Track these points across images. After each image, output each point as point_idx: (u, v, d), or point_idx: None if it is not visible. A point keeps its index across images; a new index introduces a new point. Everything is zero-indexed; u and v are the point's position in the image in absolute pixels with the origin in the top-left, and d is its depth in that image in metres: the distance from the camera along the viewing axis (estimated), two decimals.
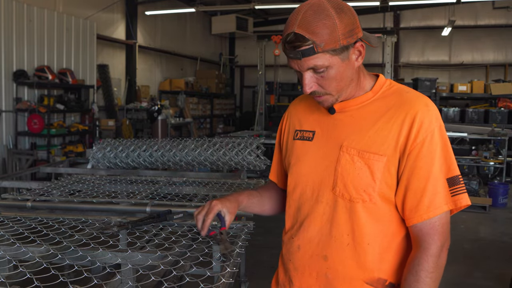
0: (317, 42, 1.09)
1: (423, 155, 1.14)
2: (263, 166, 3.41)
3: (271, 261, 4.26)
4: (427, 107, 1.16)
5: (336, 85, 1.18)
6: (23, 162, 6.61)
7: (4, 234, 1.57)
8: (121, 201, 2.10)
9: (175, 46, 11.99)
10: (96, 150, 3.49)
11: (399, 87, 1.24)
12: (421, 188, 1.14)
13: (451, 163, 1.16)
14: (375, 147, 1.18)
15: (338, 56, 1.12)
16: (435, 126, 1.15)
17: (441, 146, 1.15)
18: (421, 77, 9.68)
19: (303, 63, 1.13)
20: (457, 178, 1.15)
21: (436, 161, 1.14)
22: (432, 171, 1.14)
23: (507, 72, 12.30)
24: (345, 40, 1.11)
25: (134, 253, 1.43)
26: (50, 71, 6.94)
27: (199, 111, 12.08)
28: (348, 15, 1.12)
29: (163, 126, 8.13)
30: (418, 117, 1.15)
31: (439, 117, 1.19)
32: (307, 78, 1.16)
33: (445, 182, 1.14)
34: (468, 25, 12.43)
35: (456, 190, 1.14)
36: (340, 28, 1.09)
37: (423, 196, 1.14)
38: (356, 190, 1.18)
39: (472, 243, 5.14)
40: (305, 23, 1.10)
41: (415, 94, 1.21)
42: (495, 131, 7.83)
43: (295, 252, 1.30)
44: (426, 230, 1.14)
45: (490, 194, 6.79)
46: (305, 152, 1.30)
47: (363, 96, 1.23)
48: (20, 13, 6.75)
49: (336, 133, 1.25)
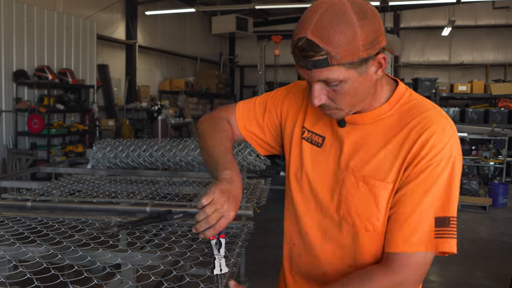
0: (332, 53, 0.94)
1: (418, 182, 1.02)
2: (263, 166, 3.41)
3: (271, 261, 4.26)
4: (443, 133, 1.02)
5: (349, 100, 1.04)
6: (23, 162, 6.61)
7: (4, 234, 1.57)
8: (121, 201, 2.10)
9: (175, 46, 11.99)
10: (96, 150, 3.49)
11: (418, 101, 1.09)
12: (404, 217, 1.03)
13: (448, 202, 1.02)
14: (382, 174, 1.06)
15: (355, 70, 0.97)
16: (445, 156, 1.01)
17: (444, 180, 1.01)
18: (421, 77, 9.68)
19: (313, 74, 0.99)
20: (448, 220, 1.01)
21: (430, 194, 1.01)
22: (421, 203, 1.01)
23: (507, 72, 12.30)
24: (365, 52, 0.96)
25: (134, 253, 1.43)
26: (50, 71, 6.94)
27: (199, 111, 12.09)
28: (372, 22, 0.96)
29: (163, 126, 8.13)
30: (430, 142, 1.02)
31: (456, 147, 1.03)
32: (316, 90, 1.02)
33: (432, 220, 1.01)
34: (468, 25, 12.43)
35: (442, 232, 1.01)
36: (361, 39, 0.94)
37: (403, 227, 1.02)
38: (360, 218, 1.09)
39: (472, 243, 5.14)
40: (320, 29, 0.94)
41: (436, 115, 1.05)
42: (495, 131, 7.83)
43: (296, 257, 1.28)
44: (399, 262, 1.03)
45: (490, 194, 6.79)
46: (314, 160, 1.18)
47: (378, 110, 1.09)
48: (20, 13, 6.75)
49: (345, 148, 1.12)
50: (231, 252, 1.47)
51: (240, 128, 1.31)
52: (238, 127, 1.31)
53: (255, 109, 1.32)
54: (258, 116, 1.31)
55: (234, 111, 1.33)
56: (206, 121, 1.33)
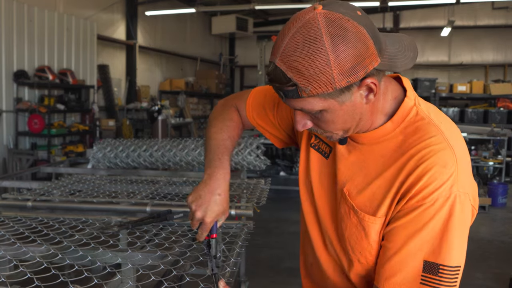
0: (301, 85, 0.82)
1: (408, 221, 0.90)
2: (263, 166, 3.42)
3: (271, 261, 4.27)
4: (444, 168, 0.88)
5: (337, 127, 0.92)
6: (24, 162, 6.62)
7: (5, 234, 1.57)
8: (121, 201, 2.11)
9: (175, 46, 11.99)
10: (97, 150, 3.50)
11: (425, 123, 0.93)
12: (390, 254, 0.93)
13: (440, 247, 0.88)
14: (372, 207, 0.96)
15: (335, 100, 0.85)
16: (442, 196, 0.88)
17: (437, 223, 0.88)
18: (420, 77, 9.69)
19: (289, 102, 0.89)
20: (438, 267, 0.88)
21: (419, 236, 0.89)
22: (407, 244, 0.90)
23: (507, 72, 12.30)
24: (344, 81, 0.82)
25: (134, 252, 1.44)
26: (51, 71, 6.94)
27: (199, 111, 12.09)
28: (352, 45, 0.80)
29: (163, 126, 8.14)
30: (425, 178, 0.88)
31: (461, 184, 0.89)
32: (298, 115, 0.92)
33: (420, 263, 0.89)
34: (467, 26, 12.43)
35: (430, 280, 0.89)
36: (335, 67, 0.80)
37: (388, 264, 0.93)
38: (353, 250, 1.01)
39: (471, 243, 5.10)
40: (288, 55, 0.82)
41: (440, 143, 0.90)
42: (495, 131, 7.84)
43: (309, 265, 1.24)
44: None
45: (489, 194, 6.79)
46: (320, 172, 1.09)
47: (381, 130, 0.96)
48: (20, 13, 6.76)
49: (343, 168, 1.02)
50: (231, 252, 1.48)
51: (251, 120, 1.24)
52: (250, 120, 1.24)
53: (265, 103, 1.22)
54: (268, 111, 1.21)
55: (245, 101, 1.24)
56: (217, 108, 1.30)
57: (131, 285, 1.27)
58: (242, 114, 1.26)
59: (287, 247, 4.44)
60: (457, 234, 0.89)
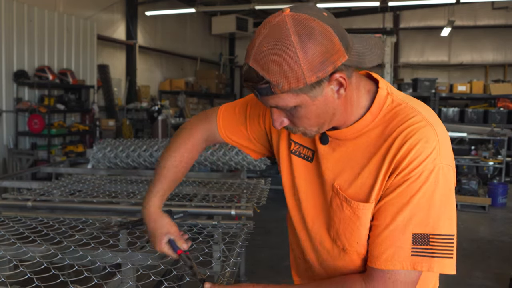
0: (273, 82, 0.87)
1: (395, 197, 0.94)
2: (263, 166, 3.42)
3: (271, 261, 4.27)
4: (426, 143, 0.92)
5: (312, 123, 0.96)
6: (24, 162, 6.62)
7: (5, 234, 1.57)
8: (121, 201, 2.11)
9: (175, 47, 12.00)
10: (97, 150, 3.50)
11: (402, 107, 0.98)
12: (378, 231, 0.96)
13: (428, 218, 0.92)
14: (364, 194, 0.98)
15: (307, 95, 0.89)
16: (427, 168, 0.92)
17: (425, 194, 0.92)
18: (420, 77, 9.69)
19: (264, 101, 0.93)
20: (427, 237, 0.92)
21: (407, 209, 0.92)
22: (395, 219, 0.93)
23: (507, 72, 12.30)
24: (314, 76, 0.86)
25: (134, 252, 1.44)
26: (51, 71, 6.94)
27: (199, 111, 12.08)
28: (319, 43, 0.85)
29: (163, 126, 8.13)
30: (411, 154, 0.92)
31: (444, 157, 0.93)
32: (275, 114, 0.96)
33: (409, 237, 0.92)
34: (467, 26, 12.43)
35: (421, 250, 0.92)
36: (305, 63, 0.84)
37: (377, 242, 0.95)
38: (349, 242, 1.02)
39: (471, 242, 5.14)
40: (260, 55, 0.87)
41: (420, 122, 0.95)
42: (495, 131, 7.84)
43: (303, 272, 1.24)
44: (377, 278, 0.96)
45: (489, 194, 6.79)
46: (306, 177, 1.11)
47: (361, 122, 0.99)
48: (20, 13, 6.76)
49: (330, 167, 1.05)
50: (231, 252, 1.48)
51: (224, 138, 1.28)
52: (224, 139, 1.28)
53: (236, 118, 1.25)
54: (240, 127, 1.25)
55: (215, 121, 1.28)
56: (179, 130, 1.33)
57: (131, 285, 1.27)
58: (210, 134, 1.29)
59: (287, 247, 4.43)
60: (444, 203, 0.93)
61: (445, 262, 0.92)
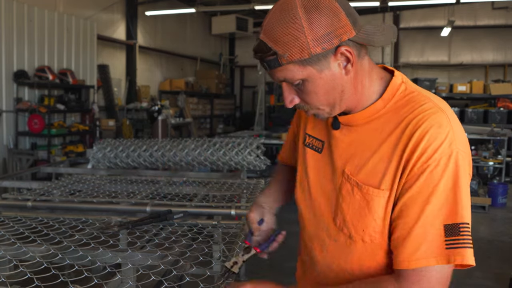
0: (279, 52, 0.90)
1: (418, 189, 0.91)
2: (263, 166, 3.42)
3: (271, 261, 4.26)
4: (440, 128, 0.90)
5: (320, 99, 0.97)
6: (24, 162, 6.62)
7: (5, 234, 1.57)
8: (121, 201, 2.11)
9: (175, 46, 11.99)
10: (97, 150, 3.50)
11: (414, 95, 0.98)
12: (407, 230, 0.92)
13: (456, 206, 0.89)
14: (375, 179, 0.97)
15: (313, 67, 0.91)
16: (444, 154, 0.89)
17: (447, 182, 0.89)
18: (420, 77, 9.69)
19: (272, 74, 0.96)
20: (458, 227, 0.89)
21: (433, 200, 0.89)
22: (424, 212, 0.90)
23: (507, 72, 12.30)
24: (319, 47, 0.89)
25: (134, 252, 1.44)
26: (51, 71, 6.94)
27: (199, 111, 12.09)
28: (325, 15, 0.88)
29: (163, 126, 8.13)
30: (425, 141, 0.90)
31: (459, 141, 0.91)
32: (285, 90, 0.99)
33: (441, 229, 0.89)
34: (467, 26, 12.43)
35: (454, 242, 0.89)
36: (309, 33, 0.88)
37: (407, 241, 0.92)
38: (355, 228, 1.00)
39: None
40: (269, 28, 0.92)
41: (432, 108, 0.94)
42: (495, 131, 7.83)
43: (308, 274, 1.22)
44: (409, 279, 0.91)
45: (489, 194, 6.79)
46: (315, 167, 1.12)
47: (371, 108, 1.00)
48: (20, 13, 6.76)
49: (340, 152, 1.04)
50: (231, 252, 1.48)
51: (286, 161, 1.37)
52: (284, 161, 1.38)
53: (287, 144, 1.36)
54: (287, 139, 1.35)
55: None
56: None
57: (131, 285, 1.27)
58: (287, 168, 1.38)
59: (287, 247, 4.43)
60: (466, 189, 0.91)
61: (470, 251, 0.91)
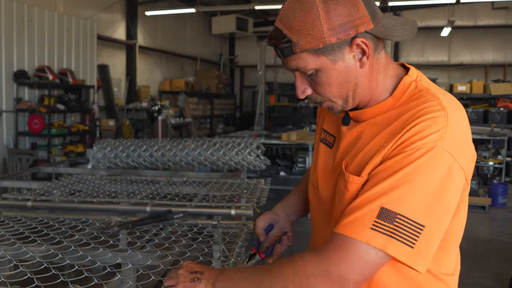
0: (294, 40, 0.89)
1: (383, 168, 0.88)
2: (263, 166, 3.42)
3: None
4: (434, 123, 0.87)
5: (332, 91, 0.95)
6: (24, 162, 6.62)
7: (5, 234, 1.57)
8: (121, 201, 2.11)
9: (175, 46, 12.00)
10: (97, 150, 3.50)
11: (423, 93, 0.94)
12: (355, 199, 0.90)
13: (405, 197, 0.84)
14: (359, 168, 0.94)
15: (327, 57, 0.90)
16: (426, 146, 0.85)
17: (412, 172, 0.84)
18: None
19: (285, 63, 0.95)
20: (395, 216, 0.83)
21: (388, 181, 0.86)
22: (373, 188, 0.87)
23: (507, 72, 12.31)
24: (334, 37, 0.87)
25: (134, 252, 1.44)
26: (51, 71, 6.94)
27: (199, 111, 12.09)
28: (343, 4, 0.87)
29: (163, 126, 8.13)
30: (414, 130, 0.87)
31: (450, 143, 0.86)
32: (298, 80, 0.97)
33: (376, 209, 0.85)
34: (467, 26, 12.44)
35: (382, 227, 0.84)
36: (325, 22, 0.86)
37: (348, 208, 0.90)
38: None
39: (471, 242, 5.14)
40: (285, 16, 0.90)
41: (434, 106, 0.90)
42: (495, 131, 7.84)
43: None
44: (331, 241, 0.88)
45: (489, 194, 6.79)
46: (324, 161, 1.10)
47: (382, 104, 0.97)
48: (20, 13, 6.76)
49: (344, 147, 1.03)
50: (231, 252, 1.48)
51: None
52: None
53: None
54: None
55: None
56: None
57: (131, 285, 1.27)
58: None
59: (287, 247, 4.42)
60: (430, 190, 0.84)
61: (403, 248, 0.83)
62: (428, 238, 0.85)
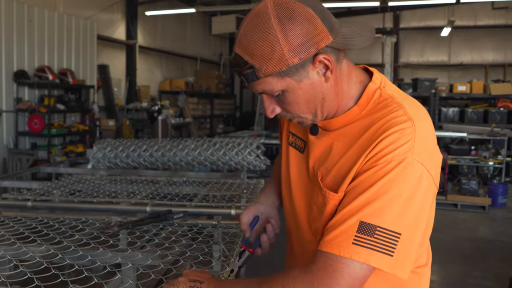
0: (256, 66, 0.88)
1: (357, 183, 0.90)
2: (263, 166, 3.42)
3: (270, 260, 4.26)
4: (402, 135, 0.88)
5: (301, 108, 0.95)
6: (24, 162, 6.62)
7: (5, 234, 1.57)
8: (121, 201, 2.11)
9: (175, 46, 12.00)
10: (97, 150, 3.50)
11: (388, 102, 0.96)
12: (334, 216, 0.92)
13: (383, 209, 0.86)
14: (336, 184, 0.96)
15: (291, 78, 0.89)
16: (396, 159, 0.87)
17: (386, 184, 0.87)
18: (420, 77, 9.68)
19: (251, 87, 0.93)
20: (375, 229, 0.85)
21: (364, 195, 0.88)
22: (350, 204, 0.89)
23: (507, 72, 12.31)
24: (296, 58, 0.87)
25: (134, 252, 1.44)
26: (51, 71, 6.94)
27: (199, 111, 12.09)
28: (300, 24, 0.86)
29: (163, 126, 8.13)
30: (383, 144, 0.89)
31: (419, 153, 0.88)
32: (266, 101, 0.96)
33: (356, 224, 0.87)
34: (467, 26, 12.44)
35: (363, 241, 0.85)
36: (285, 44, 0.85)
37: (328, 225, 0.91)
38: (318, 230, 1.00)
39: (471, 242, 5.14)
40: (244, 41, 0.89)
41: (400, 117, 0.91)
42: (495, 131, 7.84)
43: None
44: (318, 262, 0.89)
45: (489, 194, 6.79)
46: (297, 166, 1.10)
47: (348, 114, 0.98)
48: (20, 13, 6.76)
49: (316, 155, 1.03)
50: (231, 252, 1.48)
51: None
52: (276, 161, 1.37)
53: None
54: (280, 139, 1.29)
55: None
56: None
57: (131, 284, 1.27)
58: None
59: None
60: (404, 199, 0.87)
61: (384, 258, 0.86)
62: (406, 244, 0.87)
